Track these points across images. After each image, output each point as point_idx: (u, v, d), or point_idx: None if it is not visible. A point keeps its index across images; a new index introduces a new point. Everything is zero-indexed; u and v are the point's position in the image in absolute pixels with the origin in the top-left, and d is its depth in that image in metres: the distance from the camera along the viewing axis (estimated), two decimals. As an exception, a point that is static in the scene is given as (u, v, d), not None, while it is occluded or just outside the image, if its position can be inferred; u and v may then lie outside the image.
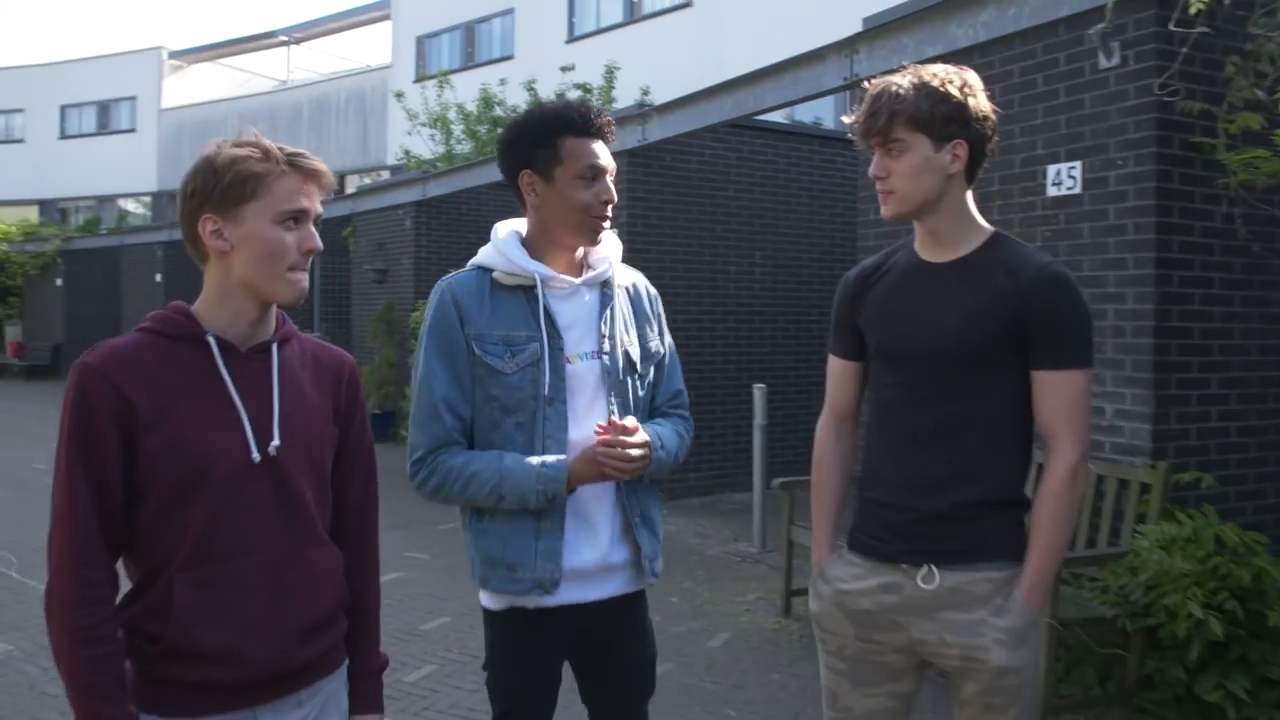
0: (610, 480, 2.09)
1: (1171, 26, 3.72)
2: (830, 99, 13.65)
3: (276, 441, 1.68)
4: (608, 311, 2.16)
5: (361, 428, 1.89)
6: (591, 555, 2.12)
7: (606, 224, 2.12)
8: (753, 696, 4.23)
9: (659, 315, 2.31)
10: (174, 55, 30.80)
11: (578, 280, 2.13)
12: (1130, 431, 4.15)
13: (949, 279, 2.05)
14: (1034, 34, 4.50)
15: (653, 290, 2.32)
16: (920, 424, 2.05)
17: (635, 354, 2.20)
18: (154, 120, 29.92)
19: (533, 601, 2.07)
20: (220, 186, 1.65)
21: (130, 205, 31.66)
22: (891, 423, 2.12)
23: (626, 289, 2.23)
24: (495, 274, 2.10)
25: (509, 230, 2.16)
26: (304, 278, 1.72)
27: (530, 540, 2.05)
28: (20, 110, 31.81)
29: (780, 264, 8.91)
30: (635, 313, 2.24)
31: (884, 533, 2.09)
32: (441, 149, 14.84)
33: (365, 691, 1.85)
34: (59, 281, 21.29)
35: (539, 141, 2.07)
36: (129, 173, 30.26)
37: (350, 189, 18.81)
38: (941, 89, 1.97)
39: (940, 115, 1.97)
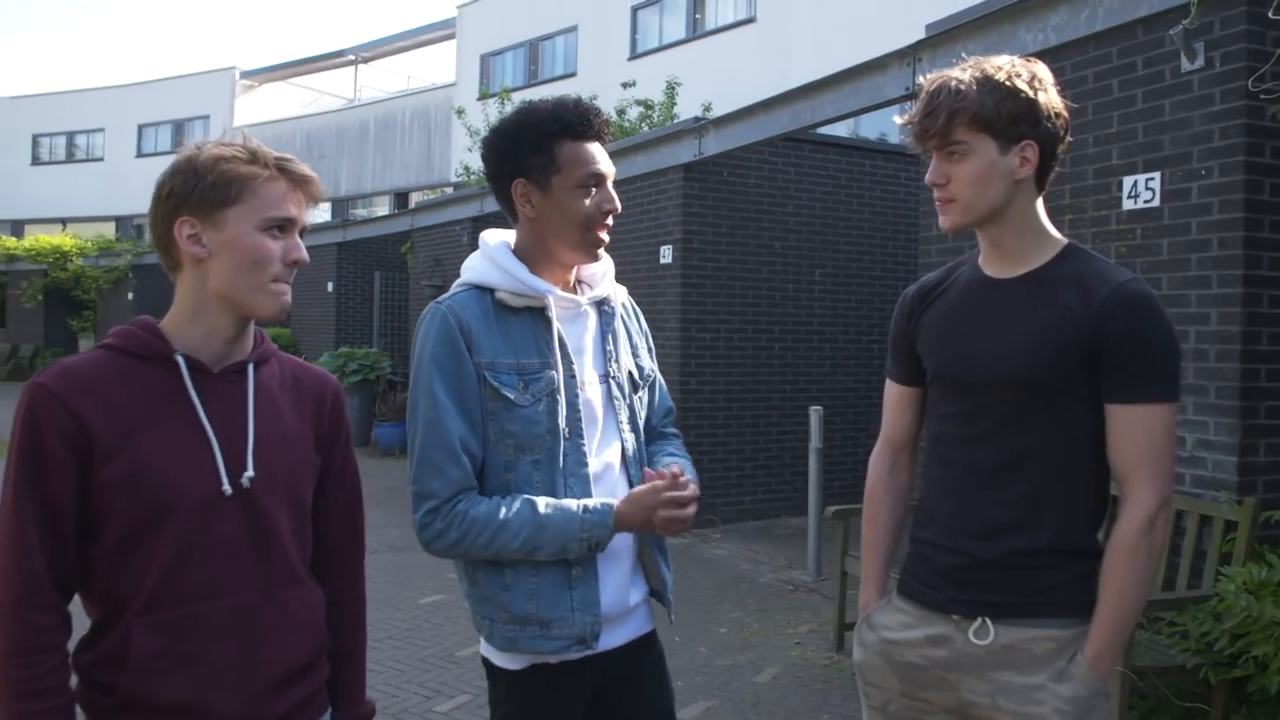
0: (662, 534, 1.89)
1: (1271, 14, 3.41)
2: (897, 113, 13.37)
3: (250, 472, 1.53)
4: (610, 332, 1.98)
5: (345, 454, 1.73)
6: (617, 597, 1.92)
7: (608, 237, 1.92)
8: (800, 739, 3.99)
9: (645, 331, 2.13)
10: (246, 75, 31.51)
11: (582, 299, 1.95)
12: (1213, 464, 3.83)
13: (1015, 297, 1.82)
14: (1109, 36, 4.23)
15: (636, 306, 2.15)
16: (980, 459, 1.83)
17: (636, 374, 2.03)
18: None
19: (556, 656, 1.86)
20: (201, 187, 1.51)
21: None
22: (949, 457, 1.89)
23: (621, 306, 2.06)
24: (499, 294, 1.88)
25: (499, 241, 1.95)
26: (287, 290, 1.57)
27: (564, 591, 1.84)
28: (100, 130, 32.79)
29: (840, 282, 8.65)
30: (630, 331, 2.07)
31: (936, 578, 1.87)
32: (501, 165, 14.84)
33: None
34: (130, 295, 21.76)
35: (534, 147, 1.86)
36: (202, 190, 30.94)
37: (413, 205, 18.95)
38: (1008, 83, 1.74)
39: (1007, 113, 1.74)
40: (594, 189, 1.87)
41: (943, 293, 1.96)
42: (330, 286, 15.20)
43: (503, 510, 1.80)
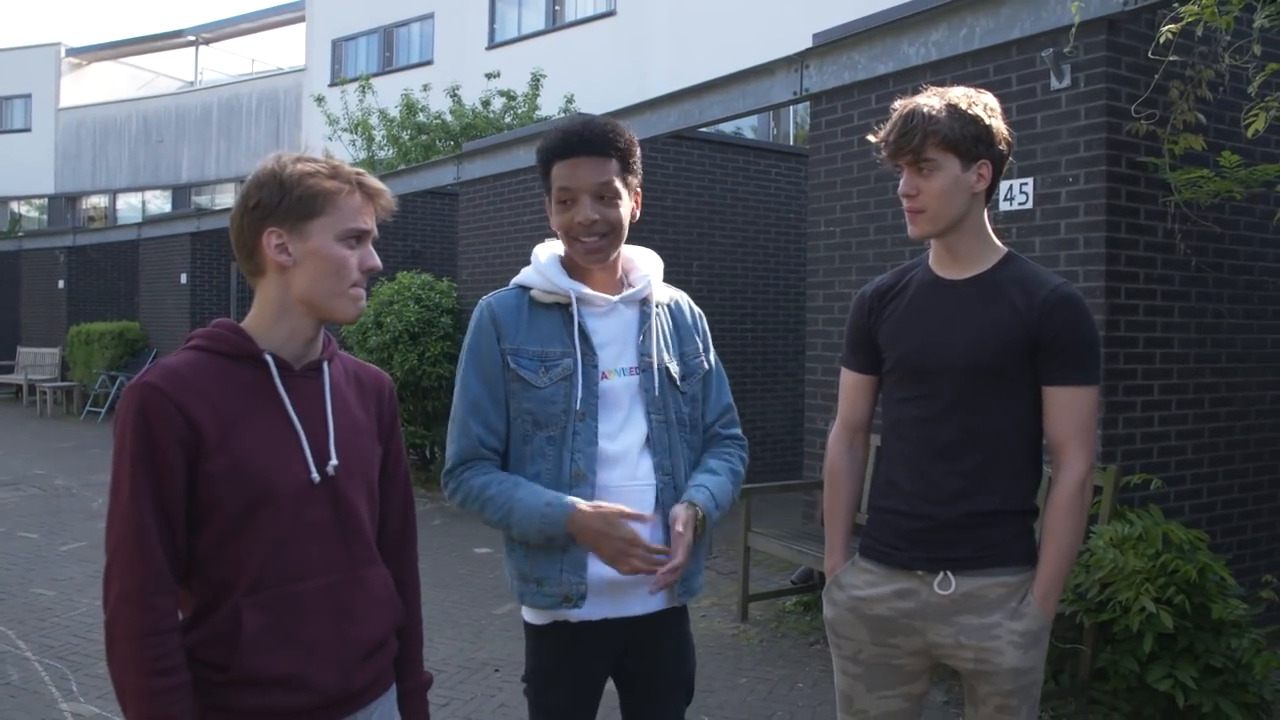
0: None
1: (1150, 55, 3.91)
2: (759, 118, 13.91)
3: (335, 461, 1.68)
4: (645, 328, 2.18)
5: (399, 448, 1.89)
6: None
7: (593, 244, 2.08)
8: (723, 701, 4.30)
9: (704, 332, 2.30)
10: (72, 52, 29.67)
11: (615, 298, 2.16)
12: (1080, 436, 4.32)
13: (966, 297, 2.13)
14: (986, 54, 4.65)
15: (697, 309, 2.33)
16: (938, 437, 2.12)
17: (676, 370, 2.19)
18: (51, 119, 28.78)
19: (575, 616, 2.08)
20: (289, 200, 1.64)
21: (24, 209, 30.40)
22: (909, 436, 2.18)
23: (667, 306, 2.25)
24: (533, 292, 2.14)
25: (550, 252, 2.19)
26: (364, 296, 1.73)
27: (555, 555, 2.06)
28: (-96, 108, 30.29)
29: (716, 274, 9.02)
30: (678, 329, 2.25)
31: (900, 541, 2.16)
32: (363, 155, 14.65)
33: (415, 709, 1.86)
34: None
35: (542, 172, 2.14)
36: (23, 174, 29.06)
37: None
38: (969, 110, 2.06)
39: (969, 136, 2.05)
40: (569, 205, 2.08)
41: (899, 292, 2.25)
42: (184, 278, 14.67)
43: (491, 486, 2.06)
